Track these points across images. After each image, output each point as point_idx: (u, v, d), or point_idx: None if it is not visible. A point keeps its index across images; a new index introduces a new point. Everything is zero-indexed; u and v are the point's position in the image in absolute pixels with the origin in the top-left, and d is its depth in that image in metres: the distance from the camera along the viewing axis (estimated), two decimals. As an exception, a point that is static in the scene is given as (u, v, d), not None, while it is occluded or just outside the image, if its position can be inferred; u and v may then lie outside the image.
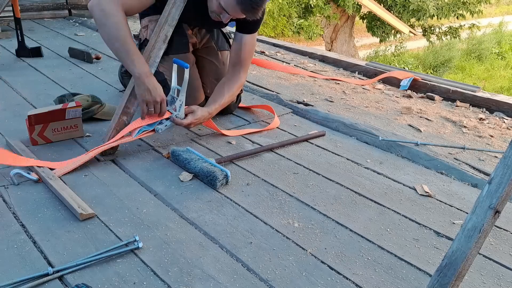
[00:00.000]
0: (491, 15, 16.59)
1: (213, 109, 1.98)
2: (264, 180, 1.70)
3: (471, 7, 8.78)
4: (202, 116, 1.92)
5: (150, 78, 1.72)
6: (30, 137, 1.86)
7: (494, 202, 0.86)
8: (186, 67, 1.78)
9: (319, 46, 11.25)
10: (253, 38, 2.08)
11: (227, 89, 2.05)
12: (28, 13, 4.42)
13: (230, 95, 2.07)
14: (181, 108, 1.85)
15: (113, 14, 1.69)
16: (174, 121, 1.85)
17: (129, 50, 1.70)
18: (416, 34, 9.34)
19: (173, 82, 1.86)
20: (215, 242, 1.35)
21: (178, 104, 1.84)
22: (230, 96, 2.07)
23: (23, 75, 2.80)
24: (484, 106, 2.58)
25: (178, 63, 1.83)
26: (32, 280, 1.14)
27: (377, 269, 1.27)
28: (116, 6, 1.70)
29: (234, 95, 2.10)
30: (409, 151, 1.96)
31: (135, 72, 1.70)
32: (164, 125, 1.84)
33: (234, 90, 2.07)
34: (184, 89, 1.81)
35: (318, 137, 2.09)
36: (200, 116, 1.91)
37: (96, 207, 1.47)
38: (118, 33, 1.69)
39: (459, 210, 1.58)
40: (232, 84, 2.06)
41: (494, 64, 12.40)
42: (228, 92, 2.05)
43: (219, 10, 1.83)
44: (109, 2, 1.70)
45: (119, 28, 1.69)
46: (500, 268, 1.30)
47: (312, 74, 3.04)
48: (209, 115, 1.97)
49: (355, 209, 1.55)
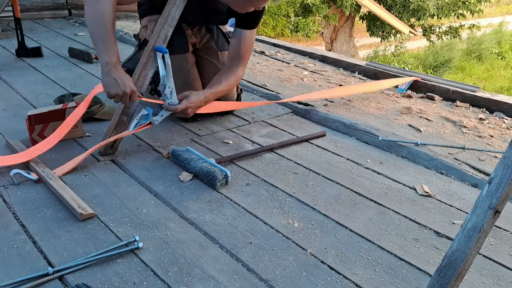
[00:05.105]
0: (491, 15, 16.60)
1: (208, 94, 1.94)
2: (264, 180, 1.70)
3: (472, 7, 8.79)
4: (197, 100, 1.87)
5: (117, 69, 1.66)
6: (30, 137, 1.86)
7: (494, 202, 0.86)
8: (165, 52, 1.75)
9: (319, 46, 11.26)
10: (253, 34, 2.07)
11: (224, 78, 2.01)
12: (28, 13, 4.43)
13: (228, 84, 2.02)
14: (172, 94, 1.80)
15: (102, 1, 1.67)
16: (168, 109, 1.80)
17: (105, 38, 1.66)
18: (416, 34, 9.34)
19: (160, 70, 1.81)
20: (215, 242, 1.35)
21: (168, 91, 1.80)
22: (227, 85, 2.02)
23: (23, 75, 2.80)
24: (484, 106, 2.58)
25: (158, 49, 1.79)
26: (32, 280, 1.14)
27: (377, 269, 1.27)
28: None
29: (231, 85, 2.06)
30: (409, 151, 1.96)
31: (103, 60, 1.66)
32: (160, 115, 1.80)
33: (231, 80, 2.03)
34: (169, 74, 1.78)
35: (318, 137, 2.09)
36: (195, 99, 1.86)
37: (96, 207, 1.47)
38: (100, 20, 1.67)
39: (459, 210, 1.58)
40: (230, 75, 2.03)
41: (494, 64, 12.40)
42: (225, 81, 2.00)
43: (251, 9, 1.87)
44: None
45: (102, 15, 1.67)
46: (500, 268, 1.30)
47: (350, 90, 2.71)
48: (204, 99, 1.91)
49: (355, 209, 1.55)
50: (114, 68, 1.66)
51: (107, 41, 1.67)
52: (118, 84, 1.64)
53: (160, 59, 1.80)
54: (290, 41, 7.97)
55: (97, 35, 1.67)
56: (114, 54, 1.68)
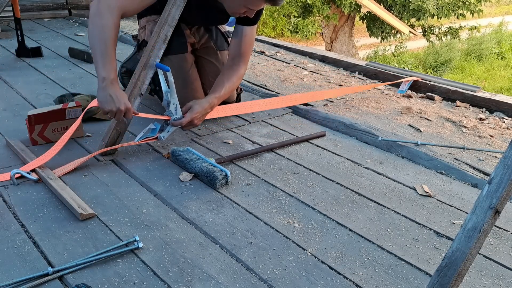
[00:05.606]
0: (491, 15, 16.60)
1: (213, 99, 1.91)
2: (264, 180, 1.70)
3: (472, 7, 8.79)
4: (201, 109, 1.85)
5: (114, 85, 1.67)
6: (30, 137, 1.86)
7: (494, 202, 0.86)
8: (167, 70, 1.77)
9: (319, 46, 11.25)
10: (253, 30, 2.06)
11: (226, 79, 1.99)
12: (28, 13, 4.43)
13: (230, 86, 2.00)
14: (176, 110, 1.82)
15: (105, 16, 1.69)
16: (174, 124, 1.82)
17: (105, 53, 1.67)
18: (416, 34, 9.34)
19: (163, 86, 1.82)
20: (215, 242, 1.35)
21: (173, 107, 1.82)
22: (230, 87, 1.99)
23: (23, 75, 2.80)
24: (484, 106, 2.58)
25: (159, 67, 1.81)
26: (32, 280, 1.14)
27: (377, 269, 1.27)
28: (112, 9, 1.71)
29: (234, 85, 2.04)
30: (409, 151, 1.96)
31: (101, 75, 1.66)
32: (167, 131, 1.82)
33: (234, 81, 2.01)
34: (172, 90, 1.79)
35: (318, 137, 2.09)
36: (199, 109, 1.84)
37: (96, 207, 1.47)
38: (101, 36, 1.68)
39: (459, 210, 1.58)
40: (232, 75, 2.01)
41: (494, 64, 12.40)
42: (228, 83, 1.98)
43: (243, 11, 1.82)
44: (108, 3, 1.70)
45: (105, 30, 1.68)
46: (500, 268, 1.30)
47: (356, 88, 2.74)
48: (209, 106, 1.89)
49: (355, 209, 1.55)
50: (111, 84, 1.66)
51: (107, 57, 1.68)
52: (113, 101, 1.64)
53: (161, 75, 1.81)
54: (290, 41, 7.97)
55: (97, 51, 1.68)
56: (112, 70, 1.68)
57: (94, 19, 1.71)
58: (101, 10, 1.70)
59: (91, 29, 1.71)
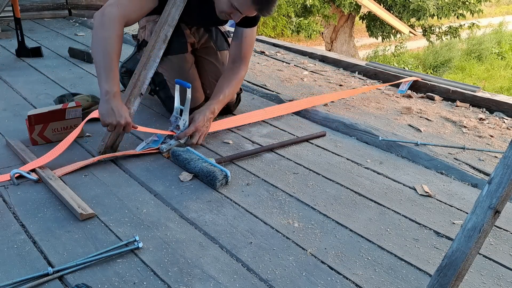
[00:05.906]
0: (491, 15, 16.60)
1: (214, 106, 1.94)
2: (264, 180, 1.70)
3: (472, 7, 8.79)
4: (203, 117, 1.88)
5: (116, 99, 1.68)
6: (30, 137, 1.86)
7: (494, 202, 0.86)
8: (188, 87, 1.78)
9: (319, 46, 11.26)
10: (253, 32, 2.06)
11: (226, 83, 2.01)
12: (28, 13, 4.42)
13: (230, 90, 2.02)
14: (184, 127, 1.85)
15: (109, 28, 1.70)
16: (179, 136, 1.84)
17: (109, 66, 1.69)
18: (416, 34, 9.34)
19: (176, 102, 1.86)
20: (215, 242, 1.35)
21: (182, 124, 1.85)
22: (230, 92, 2.02)
23: (23, 75, 2.80)
24: (484, 106, 2.58)
25: (181, 83, 1.83)
26: (32, 280, 1.14)
27: (377, 269, 1.27)
28: (115, 21, 1.72)
29: (235, 89, 2.06)
30: (409, 151, 1.96)
31: (104, 89, 1.68)
32: (169, 144, 1.84)
33: (234, 84, 2.03)
34: (187, 108, 1.83)
35: (318, 137, 2.09)
36: (202, 118, 1.87)
37: (96, 207, 1.47)
38: (104, 49, 1.69)
39: (459, 210, 1.58)
40: (232, 78, 2.02)
41: (494, 64, 12.40)
42: (228, 87, 2.00)
43: (230, 10, 1.81)
44: (110, 15, 1.72)
45: (109, 43, 1.70)
46: (500, 268, 1.30)
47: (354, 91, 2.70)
48: (210, 112, 1.91)
49: (355, 209, 1.55)
50: (113, 98, 1.68)
51: (110, 71, 1.69)
52: (114, 114, 1.66)
53: (177, 91, 1.82)
54: (290, 41, 7.97)
55: (101, 64, 1.70)
56: (115, 84, 1.70)
57: (98, 31, 1.72)
58: (105, 22, 1.71)
59: (95, 42, 1.72)
